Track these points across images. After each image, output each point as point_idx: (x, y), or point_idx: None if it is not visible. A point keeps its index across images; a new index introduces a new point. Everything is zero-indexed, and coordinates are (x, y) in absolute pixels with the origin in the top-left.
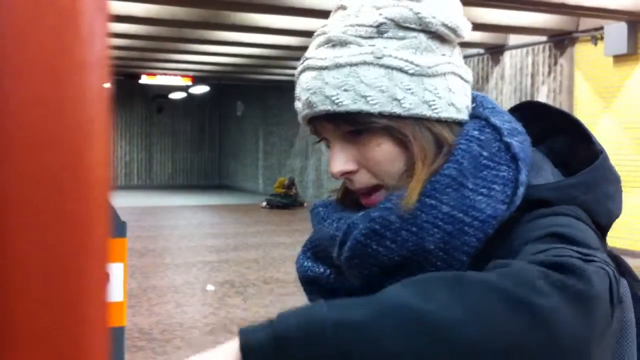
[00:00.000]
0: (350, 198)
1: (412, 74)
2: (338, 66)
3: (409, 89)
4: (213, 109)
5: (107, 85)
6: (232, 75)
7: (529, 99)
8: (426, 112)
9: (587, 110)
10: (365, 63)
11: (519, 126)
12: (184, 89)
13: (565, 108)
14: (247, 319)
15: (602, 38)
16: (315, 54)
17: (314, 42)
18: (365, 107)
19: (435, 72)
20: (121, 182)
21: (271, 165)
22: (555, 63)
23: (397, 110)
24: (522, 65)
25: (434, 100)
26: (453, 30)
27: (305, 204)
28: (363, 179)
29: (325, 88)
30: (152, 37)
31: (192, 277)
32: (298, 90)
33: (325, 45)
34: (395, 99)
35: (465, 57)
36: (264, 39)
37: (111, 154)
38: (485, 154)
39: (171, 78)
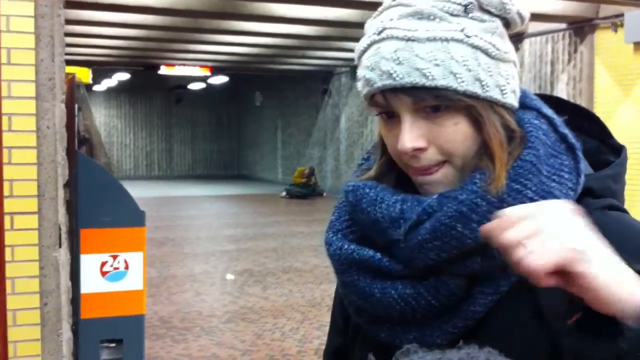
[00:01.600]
0: (389, 177)
1: (493, 57)
2: (430, 39)
3: (489, 72)
4: (231, 100)
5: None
6: (250, 66)
7: (548, 87)
8: (497, 96)
9: (607, 98)
10: (455, 40)
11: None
12: (203, 79)
13: (585, 96)
14: (265, 308)
15: (622, 25)
16: (399, 24)
17: (392, 13)
18: (453, 84)
19: (508, 58)
20: (142, 172)
21: (290, 155)
22: (575, 50)
23: (478, 90)
24: (542, 52)
25: (504, 86)
26: (522, 20)
27: (324, 194)
28: (431, 156)
29: (415, 60)
30: (170, 28)
31: (211, 267)
32: (374, 60)
33: (412, 17)
34: (478, 79)
35: None
36: (281, 29)
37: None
38: (549, 143)
39: (190, 69)
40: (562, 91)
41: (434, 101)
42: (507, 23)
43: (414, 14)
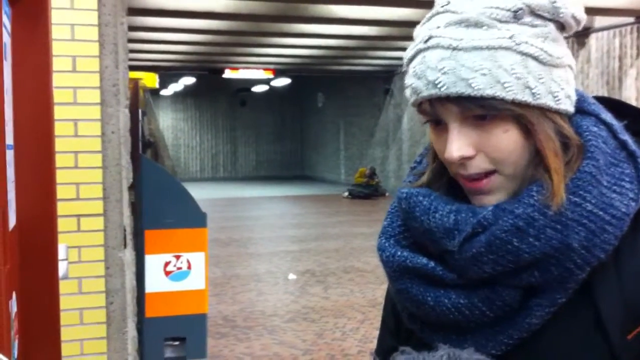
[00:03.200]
0: (439, 184)
1: (544, 63)
2: (476, 48)
3: (541, 78)
4: (294, 101)
5: None
6: (311, 67)
7: (616, 82)
8: (550, 102)
9: None
10: (503, 48)
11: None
12: (266, 82)
13: None
14: (327, 308)
15: None
16: (445, 32)
17: (439, 20)
18: (500, 93)
19: (561, 63)
20: (208, 174)
21: (352, 156)
22: None
23: (528, 98)
24: (609, 47)
25: (557, 92)
26: (578, 22)
27: (386, 194)
28: (480, 165)
29: (460, 69)
30: (234, 32)
31: (274, 267)
32: (420, 68)
33: (458, 25)
34: (528, 87)
35: None
36: (342, 30)
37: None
38: (608, 151)
39: (253, 71)
40: (630, 86)
41: (480, 110)
42: (561, 26)
43: (461, 21)
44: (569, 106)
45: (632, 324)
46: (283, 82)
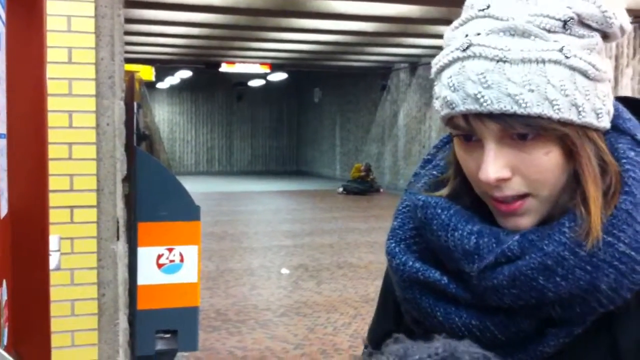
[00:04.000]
0: (464, 198)
1: (590, 78)
2: (525, 61)
3: (587, 95)
4: (290, 96)
5: None
6: (309, 63)
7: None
8: (593, 121)
9: None
10: (553, 62)
11: None
12: (263, 76)
13: None
14: (319, 303)
15: None
16: (488, 41)
17: (479, 26)
18: (548, 112)
19: (605, 78)
20: (203, 168)
21: (348, 152)
22: None
23: (574, 117)
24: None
25: (600, 109)
26: (623, 33)
27: (381, 190)
28: (516, 187)
29: (507, 84)
30: (231, 26)
31: (267, 261)
32: (458, 80)
33: (503, 33)
34: (574, 105)
35: None
36: (341, 26)
37: None
38: None
39: (250, 66)
40: (626, 86)
41: (524, 130)
42: (605, 36)
43: (507, 29)
44: (607, 123)
45: None
46: (280, 77)
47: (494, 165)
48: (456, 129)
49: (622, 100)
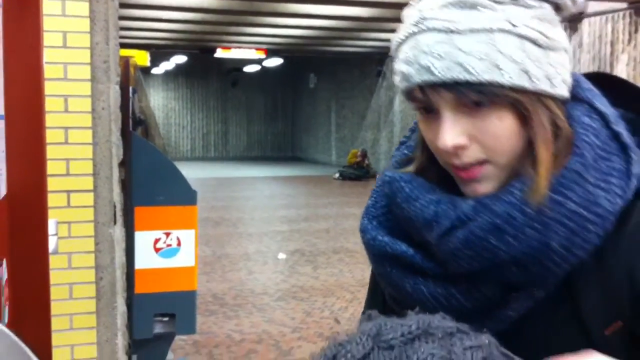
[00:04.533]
0: (430, 172)
1: (541, 47)
2: (473, 31)
3: (538, 63)
4: (286, 82)
5: None
6: (304, 48)
7: (607, 67)
8: (547, 88)
9: None
10: (501, 30)
11: (613, 110)
12: (258, 62)
13: None
14: (316, 287)
15: None
16: (439, 14)
17: (431, 1)
18: (498, 79)
19: (558, 46)
20: (199, 153)
21: (344, 137)
22: (636, 31)
23: (526, 84)
24: (601, 33)
25: (554, 76)
26: (574, 3)
27: (377, 176)
28: (473, 154)
29: (457, 54)
30: (226, 11)
31: (264, 246)
32: (412, 53)
33: (452, 6)
34: (526, 72)
35: None
36: (335, 11)
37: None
38: (599, 143)
39: (245, 51)
40: (622, 72)
41: (477, 97)
42: (557, 7)
43: (456, 3)
44: (564, 91)
45: (611, 320)
46: (275, 62)
47: (450, 133)
48: (415, 101)
49: (594, 76)
